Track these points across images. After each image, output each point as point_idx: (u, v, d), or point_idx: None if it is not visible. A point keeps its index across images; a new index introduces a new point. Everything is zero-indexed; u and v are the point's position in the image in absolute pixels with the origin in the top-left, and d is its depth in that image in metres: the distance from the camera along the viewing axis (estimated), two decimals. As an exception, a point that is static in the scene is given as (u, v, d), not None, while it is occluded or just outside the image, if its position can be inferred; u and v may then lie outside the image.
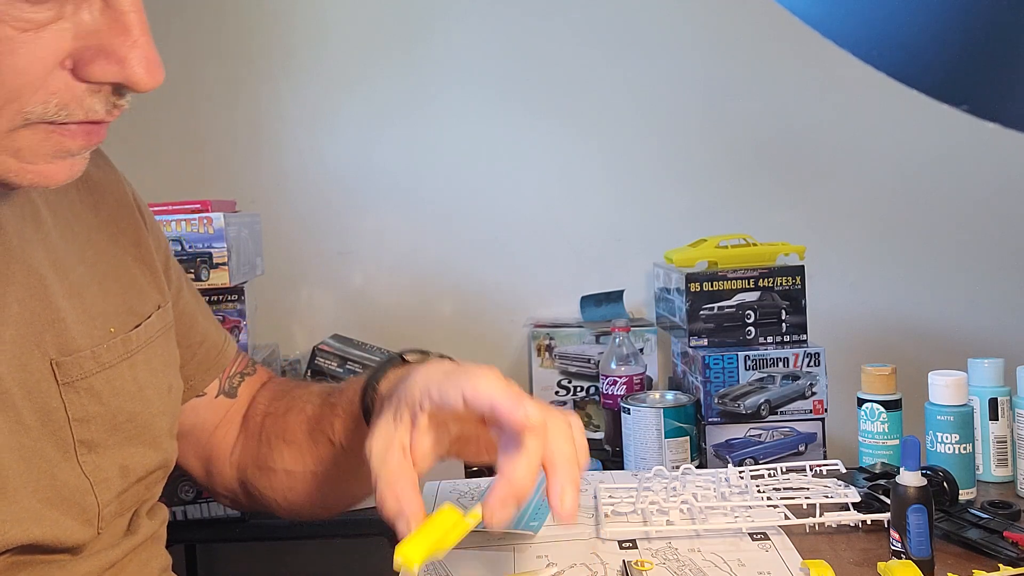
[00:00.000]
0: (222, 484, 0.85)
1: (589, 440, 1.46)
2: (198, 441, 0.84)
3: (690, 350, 1.27)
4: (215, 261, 1.24)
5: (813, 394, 1.20)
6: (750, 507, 0.86)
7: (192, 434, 0.83)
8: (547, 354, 1.59)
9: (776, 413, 1.20)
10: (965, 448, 0.92)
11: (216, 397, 0.84)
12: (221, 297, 1.27)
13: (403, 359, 0.76)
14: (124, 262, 0.71)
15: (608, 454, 1.32)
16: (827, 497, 0.87)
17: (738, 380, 1.20)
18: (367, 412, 0.73)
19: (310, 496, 0.81)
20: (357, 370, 1.48)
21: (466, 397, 0.60)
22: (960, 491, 0.88)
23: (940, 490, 0.85)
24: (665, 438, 1.13)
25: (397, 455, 0.61)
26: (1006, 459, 0.99)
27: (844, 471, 0.96)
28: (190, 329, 0.81)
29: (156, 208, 1.25)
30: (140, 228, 0.75)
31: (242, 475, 0.84)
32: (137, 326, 0.69)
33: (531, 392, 1.62)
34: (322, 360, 1.48)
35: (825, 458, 1.17)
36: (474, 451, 0.70)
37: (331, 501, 0.83)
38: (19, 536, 0.57)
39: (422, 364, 0.69)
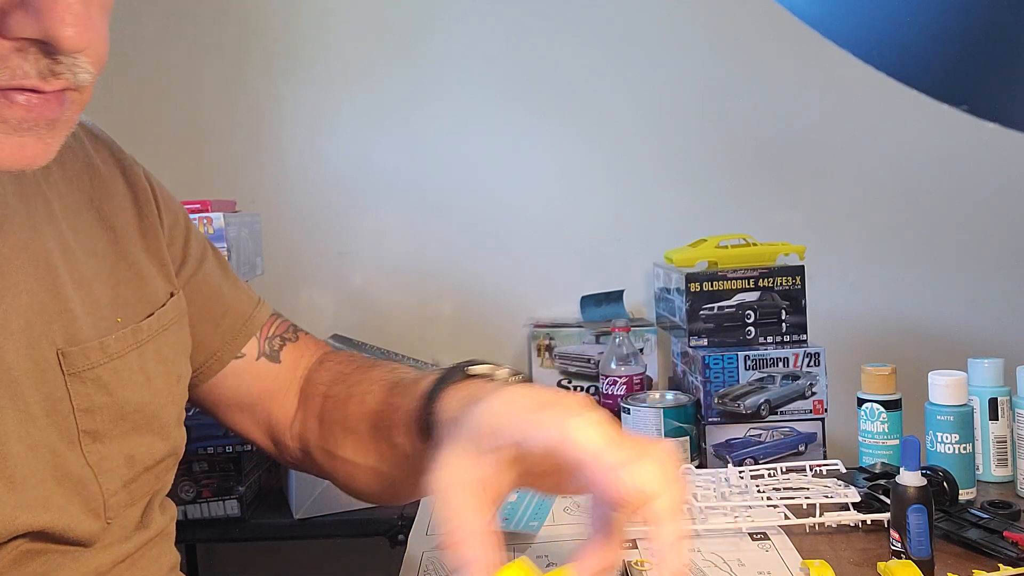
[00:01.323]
0: (290, 456, 0.84)
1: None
2: (254, 412, 0.83)
3: (690, 350, 1.27)
4: (215, 261, 1.24)
5: (813, 394, 1.20)
6: (750, 507, 0.86)
7: (246, 405, 0.82)
8: (547, 354, 1.59)
9: (776, 413, 1.20)
10: (965, 448, 0.92)
11: (257, 359, 0.82)
12: (221, 297, 1.27)
13: (465, 371, 0.67)
14: (133, 251, 0.71)
15: (608, 454, 1.32)
16: (827, 497, 0.87)
17: (738, 380, 1.20)
18: (425, 425, 0.66)
19: (373, 487, 0.79)
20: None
21: (554, 449, 0.52)
22: (960, 491, 0.88)
23: (940, 490, 0.85)
24: (665, 438, 1.13)
25: (467, 500, 0.53)
26: (1006, 459, 0.99)
27: (844, 471, 0.96)
28: (212, 302, 0.80)
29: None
30: (151, 215, 0.74)
31: (305, 451, 0.82)
32: (149, 315, 0.69)
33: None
34: (322, 360, 1.48)
35: (825, 458, 1.17)
36: (555, 484, 0.58)
37: (394, 495, 0.79)
38: (29, 522, 0.57)
39: (497, 389, 0.58)
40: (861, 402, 1.01)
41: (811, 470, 0.97)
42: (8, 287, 0.59)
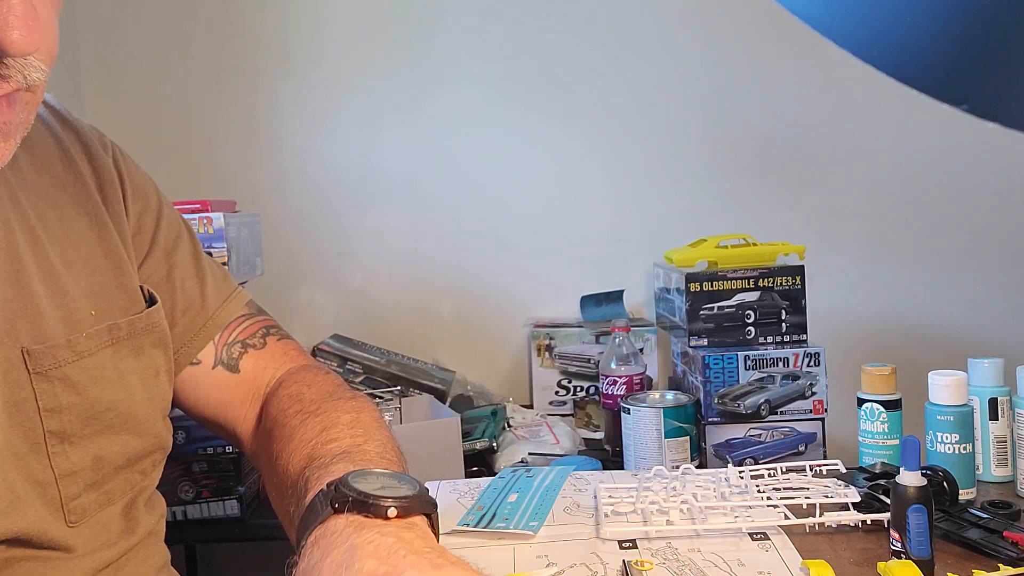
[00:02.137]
0: (251, 452, 0.80)
1: (589, 440, 1.47)
2: (219, 425, 0.80)
3: (690, 350, 1.27)
4: (215, 261, 1.24)
5: (813, 394, 1.20)
6: (750, 507, 0.86)
7: (209, 417, 0.79)
8: (547, 354, 1.59)
9: (776, 413, 1.20)
10: (965, 448, 0.92)
11: (214, 368, 0.78)
12: (221, 297, 1.27)
13: (333, 505, 0.58)
14: (111, 241, 0.69)
15: (608, 454, 1.32)
16: (827, 497, 0.87)
17: (738, 380, 1.20)
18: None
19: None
20: (357, 370, 1.48)
21: None
22: (960, 491, 0.88)
23: (940, 490, 0.85)
24: (665, 438, 1.13)
25: None
26: (1006, 459, 0.99)
27: (844, 471, 0.96)
28: (172, 297, 0.76)
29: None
30: (116, 202, 0.71)
31: (257, 464, 0.80)
32: (136, 314, 0.68)
33: (531, 392, 1.62)
34: (322, 360, 1.48)
35: (825, 458, 1.17)
36: None
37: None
38: (3, 528, 0.56)
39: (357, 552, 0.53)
40: (861, 402, 1.01)
41: (811, 470, 0.97)
42: None
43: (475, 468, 1.30)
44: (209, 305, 0.78)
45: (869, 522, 0.83)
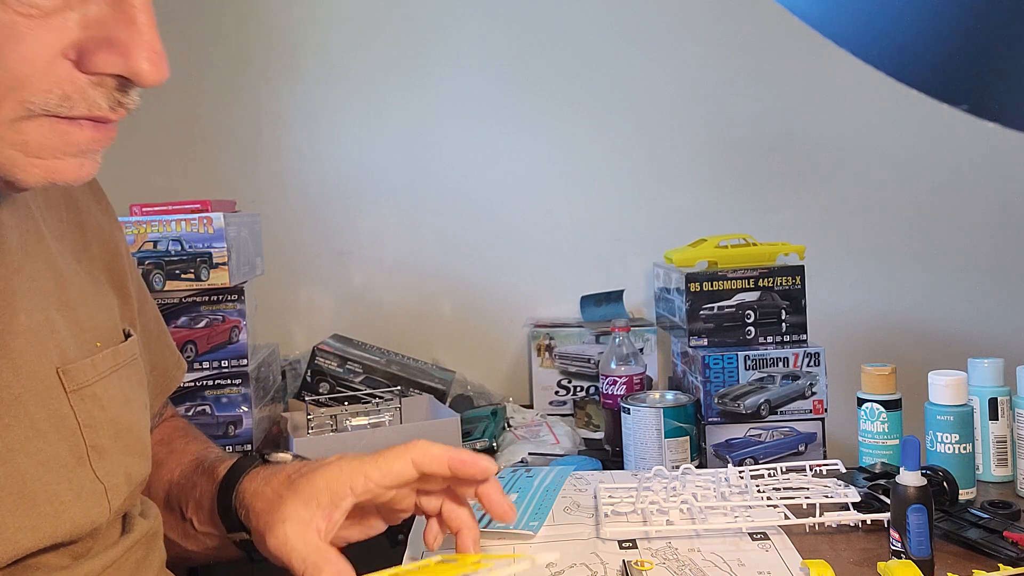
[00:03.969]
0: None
1: (589, 440, 1.47)
2: None
3: (690, 350, 1.27)
4: (215, 261, 1.24)
5: (813, 394, 1.20)
6: (750, 507, 0.86)
7: None
8: (547, 354, 1.59)
9: (776, 413, 1.20)
10: (965, 448, 0.92)
11: (172, 418, 0.86)
12: (221, 297, 1.27)
13: (265, 459, 0.78)
14: (104, 280, 0.72)
15: (608, 454, 1.32)
16: (827, 497, 0.87)
17: (738, 380, 1.20)
18: (224, 508, 0.75)
19: (170, 552, 0.79)
20: (357, 370, 1.48)
21: (420, 465, 0.69)
22: (960, 491, 0.88)
23: (940, 490, 0.85)
24: (665, 438, 1.13)
25: (314, 536, 0.67)
26: (1006, 459, 0.99)
27: (844, 471, 0.96)
28: (153, 342, 0.81)
29: (156, 208, 1.25)
30: (117, 249, 0.75)
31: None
32: (125, 340, 0.70)
33: (531, 392, 1.63)
34: (322, 360, 1.48)
35: (825, 458, 1.17)
36: (389, 514, 0.76)
37: (186, 562, 0.83)
38: (31, 544, 0.57)
39: (312, 461, 0.73)
40: (861, 402, 1.01)
41: (811, 470, 0.97)
42: (3, 307, 0.59)
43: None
44: (170, 366, 0.84)
45: (869, 522, 0.83)
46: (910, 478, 0.73)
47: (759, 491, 0.90)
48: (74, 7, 0.50)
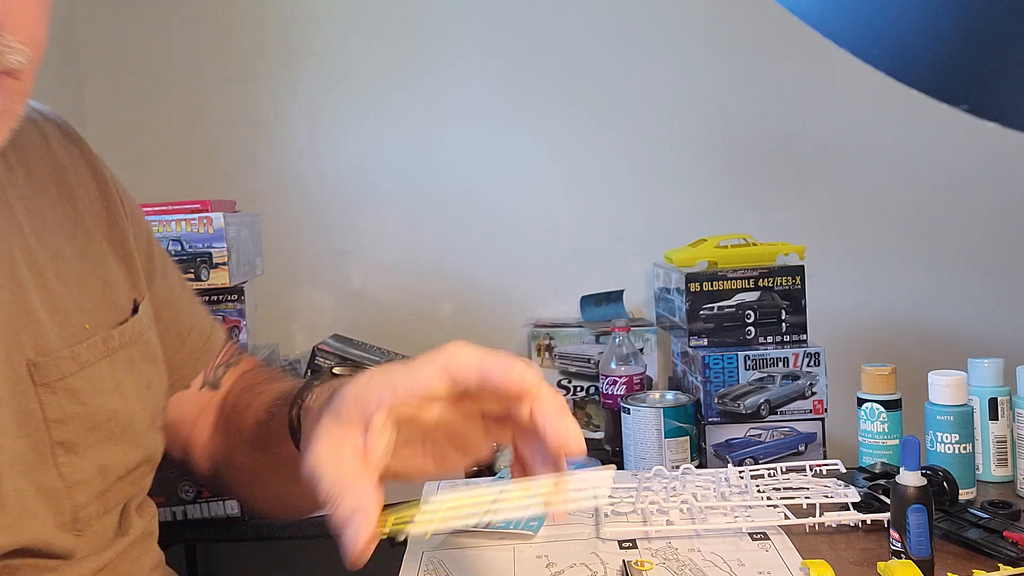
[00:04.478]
0: (197, 472, 0.84)
1: (589, 440, 1.46)
2: (178, 433, 0.82)
3: (690, 350, 1.27)
4: (215, 261, 1.24)
5: (813, 394, 1.20)
6: (750, 507, 0.86)
7: (175, 426, 0.81)
8: (547, 354, 1.59)
9: (776, 413, 1.20)
10: (965, 448, 0.92)
11: (200, 389, 0.82)
12: (221, 297, 1.27)
13: (333, 373, 0.70)
14: (102, 256, 0.70)
15: (608, 454, 1.32)
16: (827, 497, 0.87)
17: (738, 380, 1.20)
18: (292, 428, 0.68)
19: (266, 499, 0.80)
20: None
21: (449, 371, 0.55)
22: (960, 491, 0.88)
23: (940, 490, 0.85)
24: (665, 438, 1.13)
25: (348, 457, 0.55)
26: (1006, 459, 0.99)
27: (844, 471, 0.96)
28: (176, 317, 0.79)
29: (156, 208, 1.25)
30: (119, 218, 0.73)
31: (215, 467, 0.82)
32: (122, 323, 0.68)
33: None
34: (322, 360, 1.48)
35: (825, 458, 1.17)
36: (454, 448, 0.63)
37: (283, 507, 0.81)
38: (8, 542, 0.56)
39: (363, 372, 0.61)
40: (861, 402, 1.01)
41: (811, 470, 0.97)
42: None
43: (475, 468, 1.30)
44: (205, 328, 0.82)
45: (869, 522, 0.83)
46: (910, 478, 0.73)
47: (759, 491, 0.90)
48: None
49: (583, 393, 1.57)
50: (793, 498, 0.88)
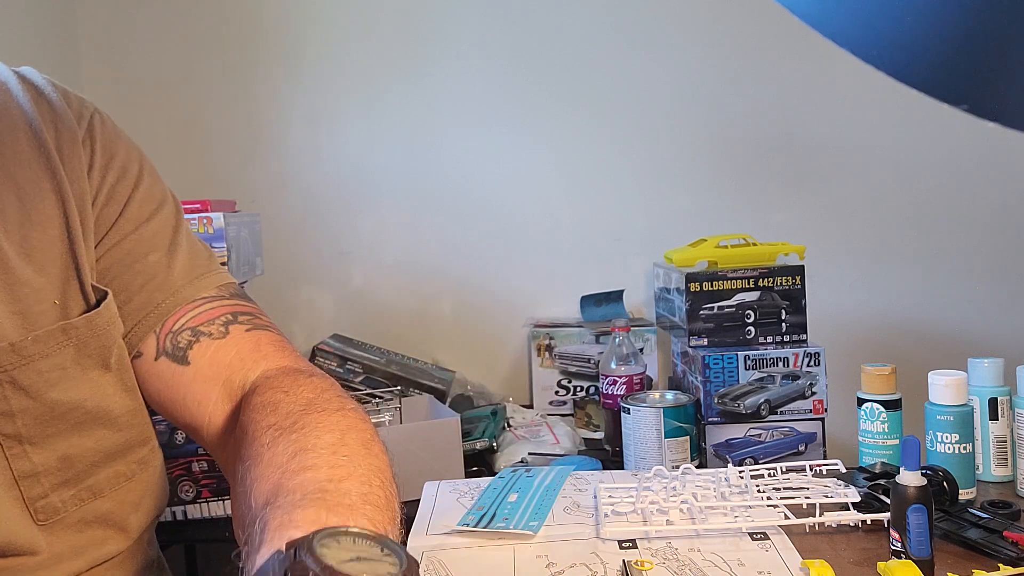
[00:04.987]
0: (222, 462, 0.73)
1: (589, 440, 1.46)
2: (177, 419, 0.71)
3: (690, 350, 1.27)
4: (215, 261, 1.24)
5: (813, 394, 1.20)
6: (750, 507, 0.86)
7: (166, 410, 0.71)
8: (547, 354, 1.59)
9: (776, 413, 1.20)
10: (965, 448, 0.92)
11: (156, 360, 0.68)
12: (221, 297, 1.27)
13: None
14: (75, 216, 0.65)
15: (608, 454, 1.32)
16: (827, 497, 0.87)
17: (738, 380, 1.20)
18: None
19: None
20: (357, 370, 1.48)
21: None
22: (960, 491, 0.88)
23: (940, 490, 0.85)
24: (665, 438, 1.13)
25: None
26: (1006, 459, 0.99)
27: (844, 471, 0.96)
28: (131, 267, 0.68)
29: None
30: (79, 173, 0.67)
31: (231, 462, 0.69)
32: (86, 311, 0.65)
33: (531, 392, 1.62)
34: (322, 360, 1.48)
35: (825, 458, 1.17)
36: None
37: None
38: None
39: None
40: (861, 402, 1.01)
41: (811, 470, 0.97)
42: None
43: (475, 468, 1.30)
44: (173, 282, 0.69)
45: (869, 522, 0.83)
46: (910, 478, 0.73)
47: (759, 491, 0.90)
48: None
49: (583, 393, 1.57)
50: (793, 498, 0.88)
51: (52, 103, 0.69)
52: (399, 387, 1.38)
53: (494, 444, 1.33)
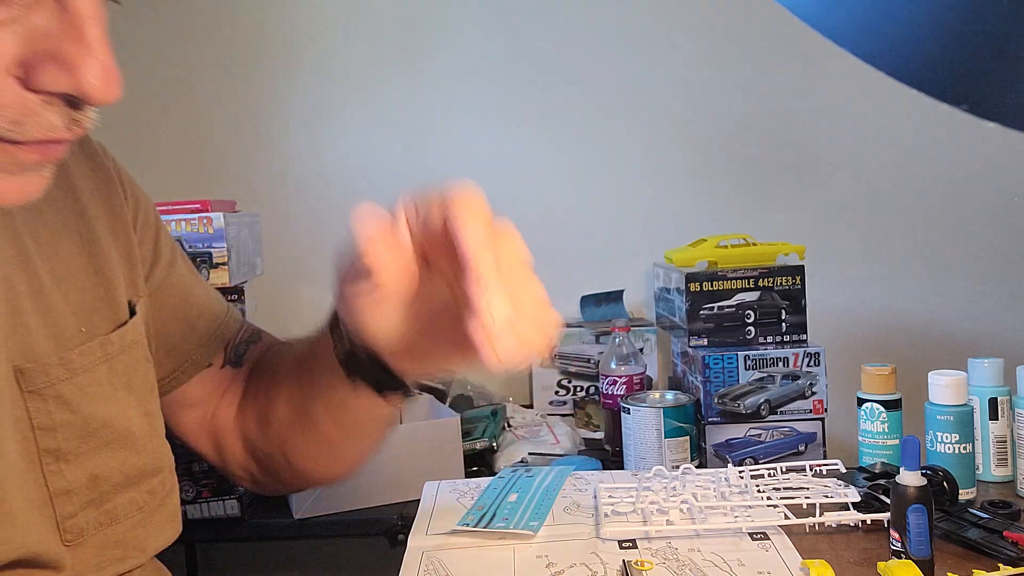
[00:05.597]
0: (233, 459, 0.82)
1: (589, 440, 1.46)
2: (204, 414, 0.81)
3: (690, 350, 1.27)
4: (215, 261, 1.24)
5: (813, 394, 1.20)
6: (750, 507, 0.86)
7: (200, 406, 0.81)
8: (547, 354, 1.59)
9: (776, 413, 1.20)
10: (965, 448, 0.92)
11: (222, 368, 0.82)
12: (221, 297, 1.27)
13: None
14: (103, 250, 0.68)
15: (608, 454, 1.32)
16: (827, 497, 0.87)
17: (738, 380, 1.20)
18: (338, 354, 0.70)
19: (311, 448, 0.77)
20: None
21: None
22: (960, 491, 0.88)
23: (940, 490, 0.85)
24: (665, 438, 1.13)
25: (380, 222, 0.60)
26: (1006, 459, 0.99)
27: (844, 471, 0.96)
28: (186, 303, 0.78)
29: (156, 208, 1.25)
30: (120, 208, 0.71)
31: (248, 441, 0.80)
32: (120, 326, 0.67)
33: (531, 392, 1.62)
34: (322, 360, 1.47)
35: (825, 458, 1.17)
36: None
37: (331, 457, 0.79)
38: (7, 554, 0.56)
39: None
40: (861, 402, 1.01)
41: (811, 470, 0.97)
42: None
43: (475, 468, 1.30)
44: (220, 311, 0.82)
45: (869, 522, 0.83)
46: (910, 478, 0.73)
47: (759, 491, 0.90)
48: (18, 20, 0.46)
49: (583, 393, 1.57)
50: (793, 498, 0.87)
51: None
52: (399, 387, 1.38)
53: (494, 444, 1.33)
